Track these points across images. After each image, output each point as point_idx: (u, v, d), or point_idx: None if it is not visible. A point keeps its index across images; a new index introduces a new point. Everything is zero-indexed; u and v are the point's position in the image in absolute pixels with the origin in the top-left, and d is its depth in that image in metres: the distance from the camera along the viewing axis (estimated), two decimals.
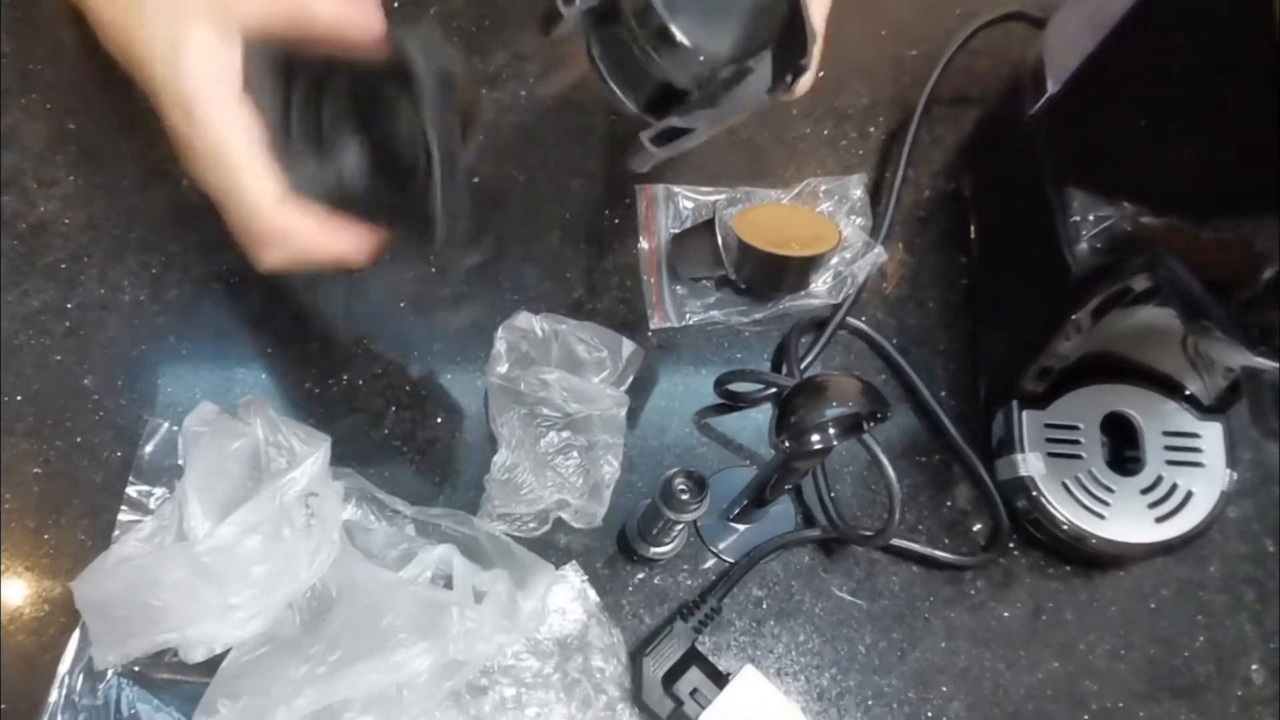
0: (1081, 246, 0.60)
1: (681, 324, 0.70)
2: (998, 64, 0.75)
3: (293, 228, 0.49)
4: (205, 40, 0.47)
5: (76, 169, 0.69)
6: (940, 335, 0.72)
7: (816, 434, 0.52)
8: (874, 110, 0.76)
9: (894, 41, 0.78)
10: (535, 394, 0.64)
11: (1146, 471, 0.65)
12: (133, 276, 0.67)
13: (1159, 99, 0.54)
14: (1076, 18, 0.61)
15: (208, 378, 0.65)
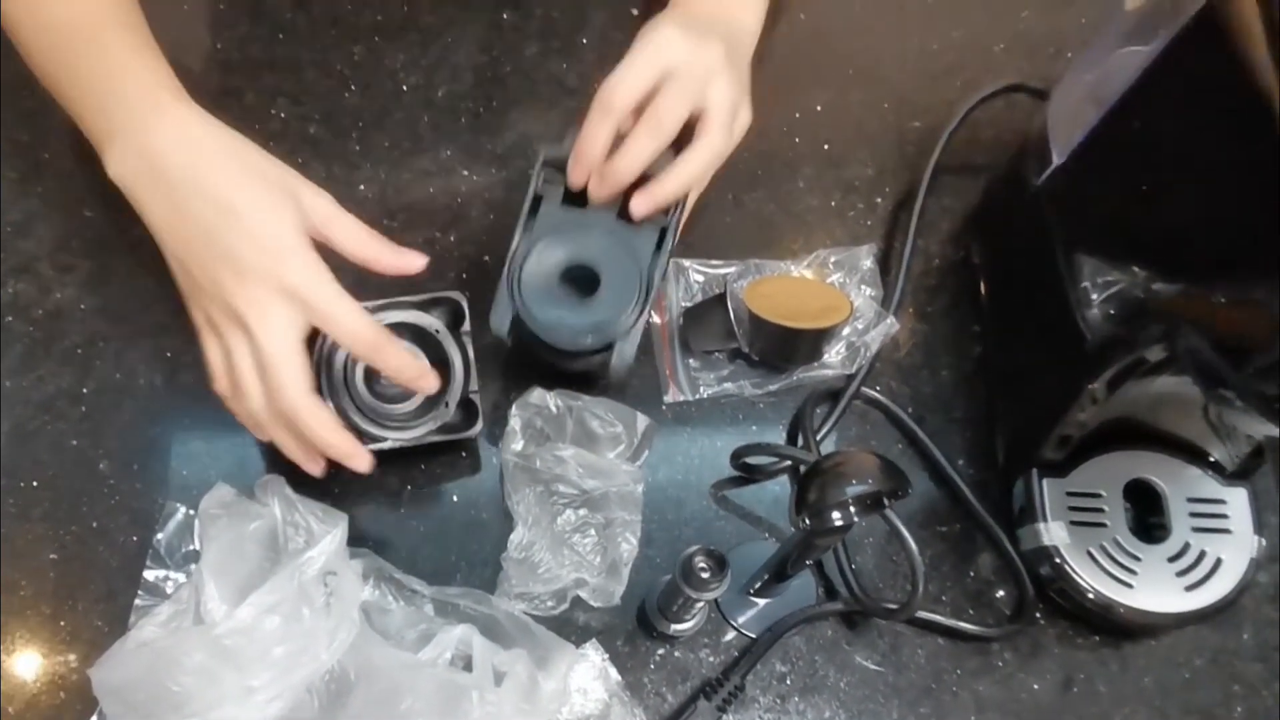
0: (1094, 313, 0.60)
1: (696, 397, 0.70)
2: (1001, 134, 0.76)
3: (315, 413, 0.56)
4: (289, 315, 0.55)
5: (92, 255, 0.70)
6: (956, 403, 0.72)
7: (837, 512, 0.51)
8: (880, 181, 0.77)
9: (897, 113, 0.79)
10: (551, 471, 0.63)
11: (1173, 539, 0.64)
12: (147, 360, 0.67)
13: (1165, 168, 0.55)
14: (1078, 90, 0.62)
15: (223, 460, 0.65)
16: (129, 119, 0.57)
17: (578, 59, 0.79)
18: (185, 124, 0.57)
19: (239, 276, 0.54)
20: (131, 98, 0.58)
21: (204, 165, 0.56)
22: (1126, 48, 0.55)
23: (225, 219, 0.55)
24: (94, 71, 0.59)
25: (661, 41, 0.59)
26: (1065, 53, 0.80)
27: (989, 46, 0.81)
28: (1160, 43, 0.51)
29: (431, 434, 0.62)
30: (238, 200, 0.55)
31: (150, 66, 0.60)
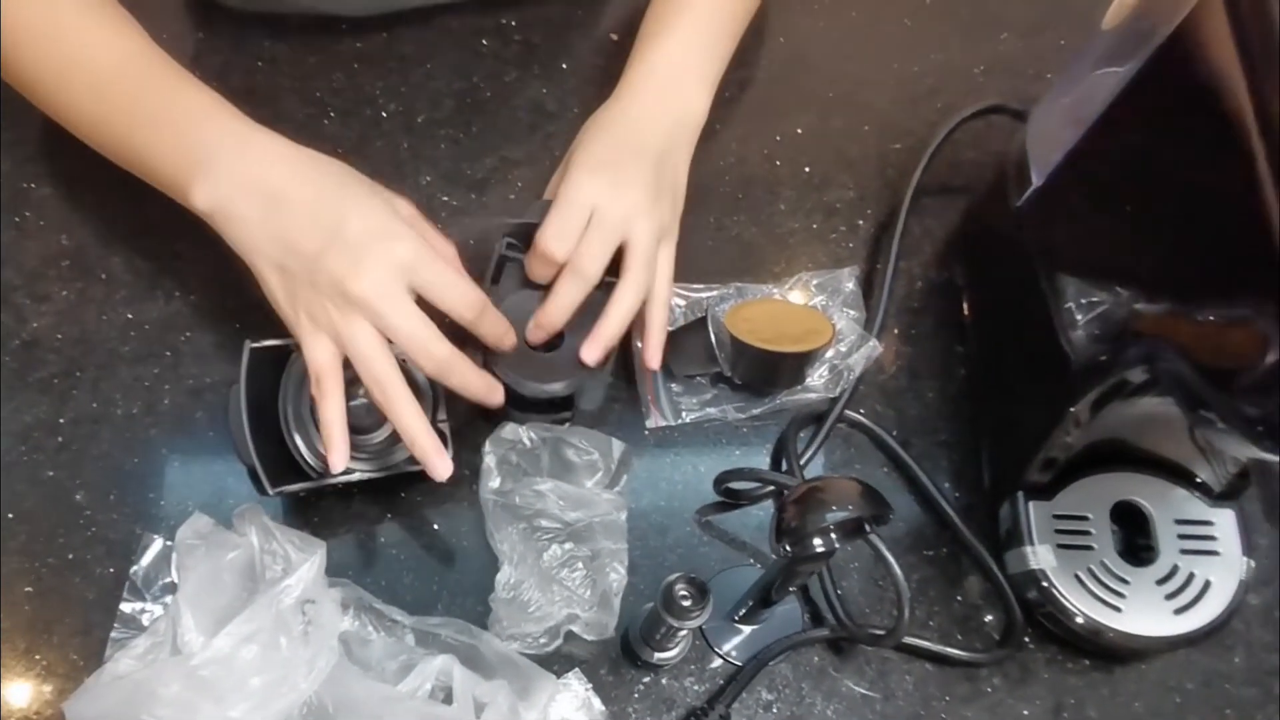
0: (1078, 334, 0.60)
1: (679, 422, 0.69)
2: (982, 155, 0.77)
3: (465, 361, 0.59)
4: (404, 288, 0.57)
5: (69, 284, 0.70)
6: (941, 426, 0.71)
7: (818, 538, 0.51)
8: (862, 204, 0.77)
9: (878, 136, 0.79)
10: (532, 506, 0.63)
11: (1161, 561, 0.64)
12: (125, 389, 0.67)
13: (1144, 187, 0.55)
14: (1056, 112, 0.62)
15: (201, 489, 0.64)
16: (218, 147, 0.58)
17: (557, 84, 0.79)
18: (275, 142, 0.59)
19: (354, 263, 0.55)
20: (213, 128, 0.59)
21: (304, 172, 0.58)
22: (1103, 69, 0.56)
23: (334, 211, 0.56)
24: (162, 111, 0.60)
25: (579, 193, 0.62)
26: (1044, 75, 0.81)
27: (968, 69, 0.82)
28: (1136, 63, 0.51)
29: (405, 462, 0.62)
30: (344, 194, 0.58)
31: (213, 97, 0.61)
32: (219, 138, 0.59)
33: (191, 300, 0.70)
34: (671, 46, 0.68)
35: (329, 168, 0.59)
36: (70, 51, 0.62)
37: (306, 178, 0.58)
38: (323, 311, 0.56)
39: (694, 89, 0.68)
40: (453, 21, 0.81)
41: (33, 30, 0.62)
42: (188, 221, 0.71)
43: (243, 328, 0.69)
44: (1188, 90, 0.49)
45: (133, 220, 0.72)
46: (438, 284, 0.57)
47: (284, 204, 0.57)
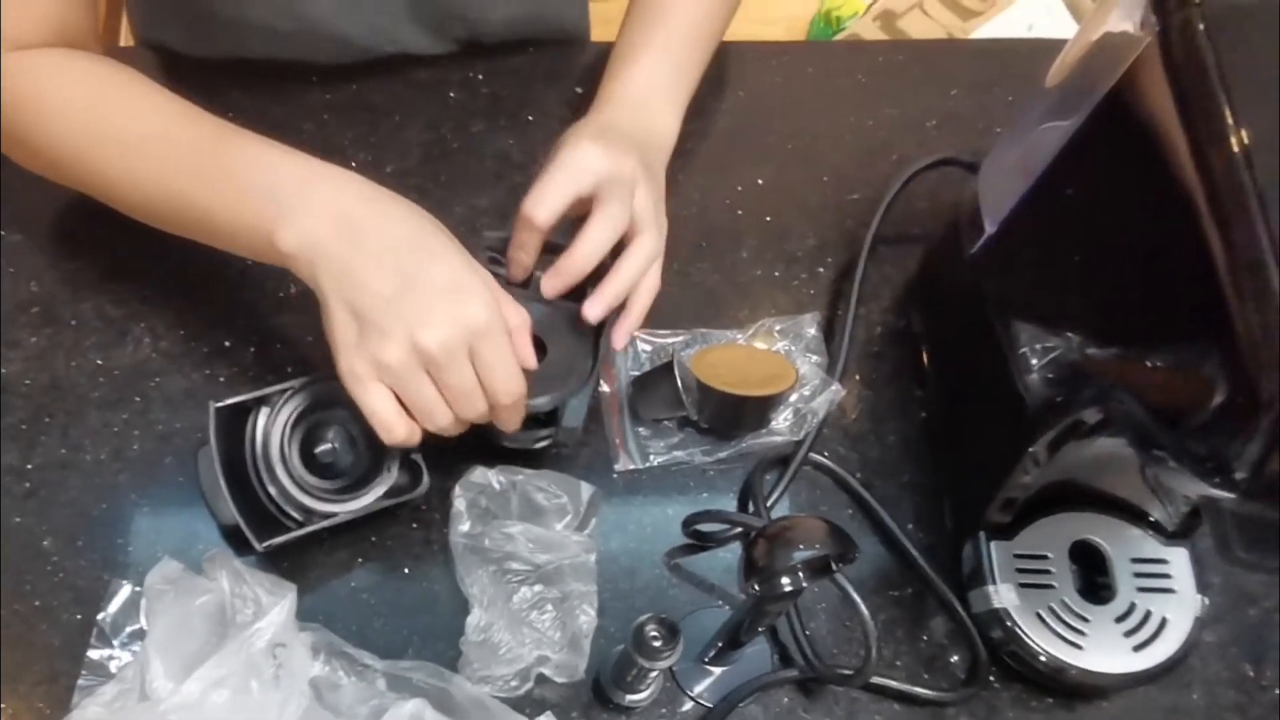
0: (1033, 377, 0.62)
1: (646, 465, 0.70)
2: (936, 205, 0.79)
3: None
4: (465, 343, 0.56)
5: (39, 330, 0.70)
6: (903, 468, 0.73)
7: (786, 577, 0.52)
8: (822, 252, 0.79)
9: (835, 187, 0.82)
10: (501, 549, 0.63)
11: (1119, 599, 0.65)
12: (94, 435, 0.67)
13: (1092, 236, 0.57)
14: (1005, 163, 0.65)
15: (171, 535, 0.64)
16: (298, 191, 0.57)
17: (523, 135, 0.81)
18: (350, 179, 0.58)
19: (427, 312, 0.54)
20: (285, 171, 0.59)
21: (385, 210, 0.58)
22: (1048, 123, 0.58)
23: (415, 258, 0.56)
24: (224, 166, 0.59)
25: (581, 160, 0.62)
26: (993, 129, 0.84)
27: (921, 123, 0.84)
28: (1079, 118, 0.54)
29: (380, 499, 0.62)
30: (426, 240, 0.57)
31: (270, 142, 0.61)
32: (293, 180, 0.58)
33: (161, 347, 0.70)
34: (641, 72, 0.70)
35: (408, 210, 0.58)
36: (109, 122, 0.62)
37: (388, 216, 0.57)
38: (386, 355, 0.55)
39: (664, 111, 0.71)
40: (421, 74, 0.83)
41: (63, 104, 0.62)
42: (157, 269, 0.72)
43: (212, 374, 0.70)
44: (1129, 143, 0.52)
45: (103, 267, 0.72)
46: (491, 362, 0.56)
47: (366, 243, 0.56)
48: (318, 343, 0.70)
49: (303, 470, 0.61)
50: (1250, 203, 0.41)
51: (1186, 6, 0.46)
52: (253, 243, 0.58)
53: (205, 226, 0.61)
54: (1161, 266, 0.51)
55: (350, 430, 0.63)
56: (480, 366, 0.56)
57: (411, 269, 0.55)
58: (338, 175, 0.58)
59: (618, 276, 0.62)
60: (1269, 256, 0.41)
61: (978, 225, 0.66)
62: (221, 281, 0.72)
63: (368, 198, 0.58)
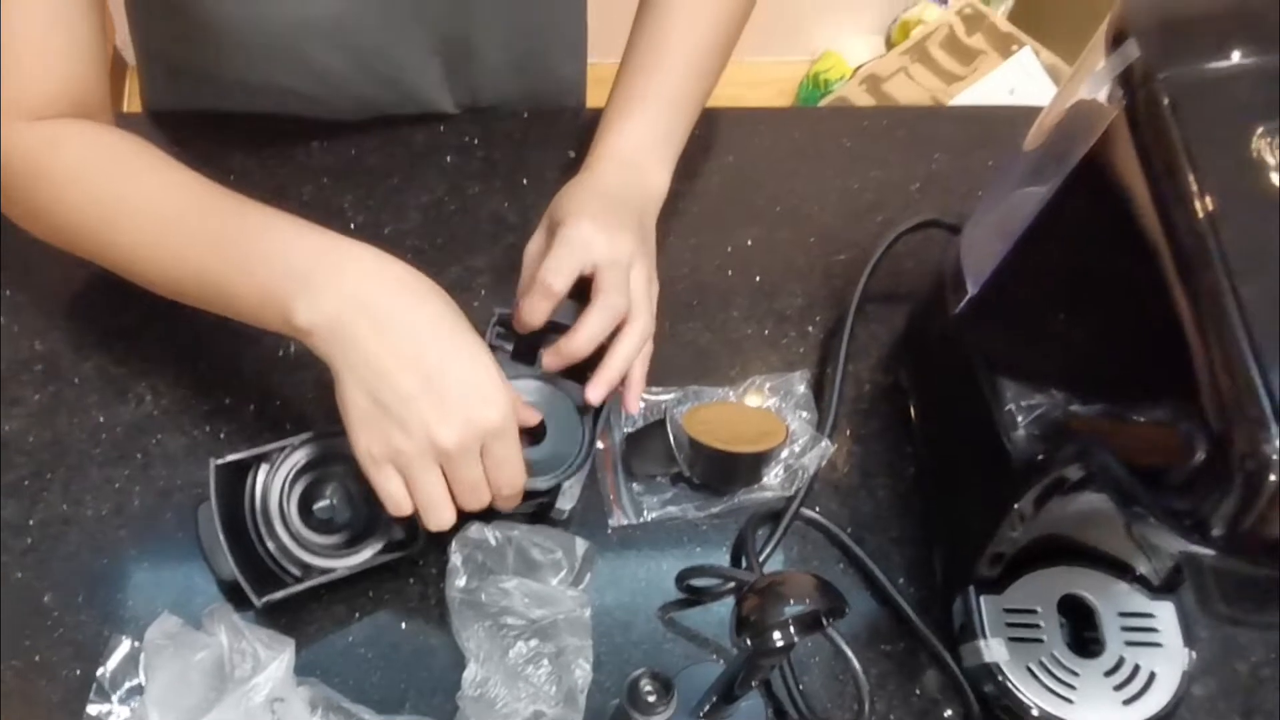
0: (1019, 433, 0.63)
1: (640, 520, 0.71)
2: (921, 265, 0.81)
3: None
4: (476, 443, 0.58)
5: (41, 388, 0.71)
6: (893, 523, 0.74)
7: (777, 632, 0.53)
8: (811, 311, 0.81)
9: (823, 247, 0.84)
10: (497, 604, 0.64)
11: (1108, 653, 0.65)
12: (95, 491, 0.68)
13: (1071, 297, 0.59)
14: (986, 225, 0.67)
15: (170, 590, 0.65)
16: (316, 266, 0.57)
17: (518, 198, 0.83)
18: (372, 256, 0.58)
19: (445, 414, 0.55)
20: (305, 246, 0.58)
21: (407, 296, 0.57)
22: (1026, 188, 0.60)
23: (438, 355, 0.56)
24: (242, 239, 0.59)
25: (584, 240, 0.65)
26: (975, 191, 0.86)
27: (905, 186, 0.87)
28: (1054, 184, 0.56)
29: (378, 555, 0.63)
30: (448, 334, 0.57)
31: (289, 217, 0.60)
32: (314, 255, 0.57)
33: (162, 404, 0.71)
34: (634, 130, 0.73)
35: (427, 293, 0.58)
36: (123, 197, 0.62)
37: (409, 302, 0.57)
38: (402, 445, 0.55)
39: (656, 169, 0.73)
40: (418, 138, 0.85)
41: (74, 177, 0.62)
42: (159, 327, 0.74)
43: (212, 430, 0.71)
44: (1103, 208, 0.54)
45: (105, 326, 0.74)
46: (500, 460, 0.58)
47: (387, 331, 0.55)
48: (317, 400, 0.72)
49: (301, 526, 0.62)
50: (1216, 268, 0.43)
51: (1150, 81, 0.48)
52: (271, 318, 0.58)
53: (223, 301, 0.60)
54: (1137, 327, 0.53)
55: (348, 486, 0.64)
56: (489, 463, 0.58)
57: (433, 365, 0.55)
58: (359, 253, 0.58)
59: (615, 359, 0.65)
60: (1235, 318, 0.42)
61: (961, 286, 0.67)
62: (222, 339, 0.74)
63: (389, 279, 0.57)
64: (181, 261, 0.61)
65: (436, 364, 0.55)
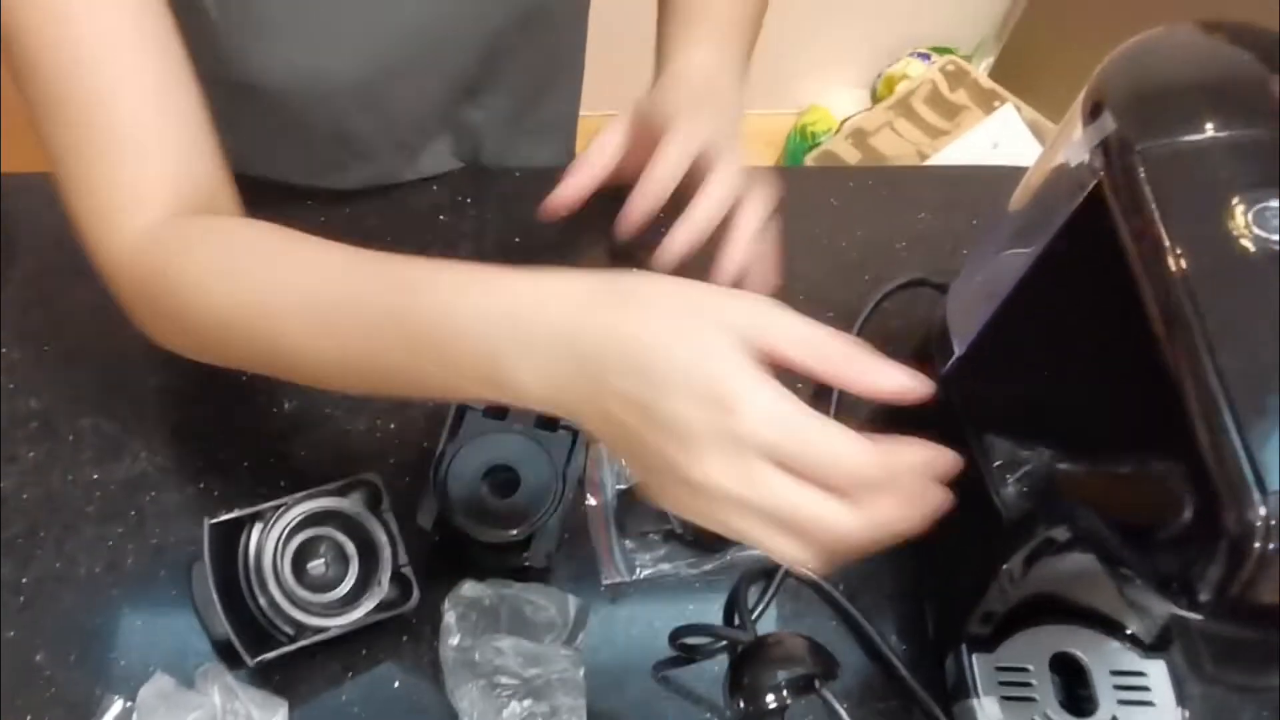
0: (1009, 492, 0.64)
1: (633, 578, 0.72)
2: (908, 323, 0.82)
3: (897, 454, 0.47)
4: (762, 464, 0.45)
5: (36, 445, 0.71)
6: (885, 580, 0.74)
7: (770, 694, 0.53)
8: None
9: (811, 304, 0.83)
10: (491, 663, 0.64)
11: (1100, 712, 0.65)
12: (89, 549, 0.68)
13: (1054, 359, 0.60)
14: (972, 287, 0.68)
15: (163, 649, 0.65)
16: (514, 333, 0.47)
17: (509, 257, 0.79)
18: (561, 297, 0.46)
19: (688, 450, 0.43)
20: (500, 313, 0.47)
21: (595, 331, 0.45)
22: (1011, 250, 0.62)
23: (647, 386, 0.44)
24: (432, 316, 0.49)
25: (691, 132, 0.65)
26: (959, 249, 0.88)
27: (891, 244, 0.88)
28: (1038, 248, 0.57)
29: (371, 613, 0.63)
30: (651, 356, 0.44)
31: (469, 273, 0.49)
32: (504, 321, 0.47)
33: (157, 461, 0.72)
34: (702, 58, 0.72)
35: (628, 309, 0.45)
36: (272, 288, 0.54)
37: (603, 335, 0.45)
38: (691, 503, 0.46)
39: (731, 88, 0.74)
40: (412, 198, 0.86)
41: (211, 275, 0.56)
42: (155, 385, 0.74)
43: (206, 488, 0.71)
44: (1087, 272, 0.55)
45: (101, 383, 0.74)
46: (797, 451, 0.45)
47: (605, 378, 0.45)
48: (311, 457, 0.72)
49: (295, 585, 0.62)
50: (1195, 336, 0.44)
51: (1127, 153, 0.49)
52: (477, 395, 0.50)
53: (414, 388, 0.53)
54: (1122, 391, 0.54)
55: (342, 544, 0.64)
56: (792, 460, 0.44)
57: (655, 402, 0.44)
58: (543, 297, 0.47)
59: (699, 206, 0.64)
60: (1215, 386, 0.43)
61: (948, 345, 0.69)
62: (217, 397, 0.74)
63: (585, 308, 0.46)
64: (357, 357, 0.52)
65: (657, 398, 0.44)
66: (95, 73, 0.55)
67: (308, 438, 0.73)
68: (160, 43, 0.57)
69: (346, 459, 0.72)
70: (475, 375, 0.48)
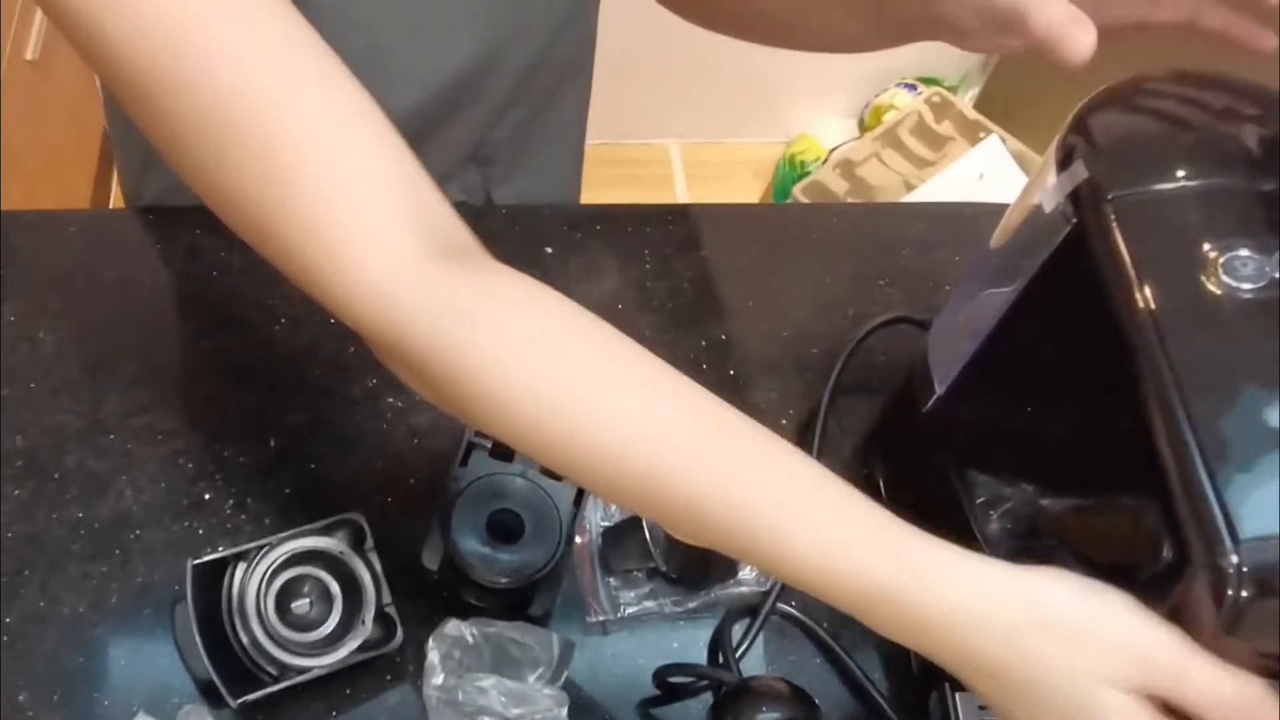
0: (991, 528, 0.64)
1: (618, 616, 0.72)
2: (891, 359, 0.83)
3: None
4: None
5: (21, 483, 0.71)
6: None
7: None
8: (785, 404, 0.82)
9: (796, 342, 0.86)
10: (474, 702, 0.64)
11: None
12: (73, 587, 0.68)
13: (1033, 397, 0.61)
14: (953, 324, 0.69)
15: (146, 688, 0.65)
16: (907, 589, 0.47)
17: None
18: (976, 602, 0.47)
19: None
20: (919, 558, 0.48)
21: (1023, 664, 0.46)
22: (990, 289, 0.62)
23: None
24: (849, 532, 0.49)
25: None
26: (941, 285, 0.89)
27: (874, 280, 0.89)
28: (1017, 286, 0.58)
29: (354, 653, 0.63)
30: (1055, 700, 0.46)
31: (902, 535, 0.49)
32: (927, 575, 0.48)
33: (142, 499, 0.72)
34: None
35: (1036, 638, 0.46)
36: (601, 407, 0.49)
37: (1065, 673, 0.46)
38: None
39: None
40: None
41: (530, 391, 0.48)
42: (141, 422, 0.75)
43: (191, 526, 0.71)
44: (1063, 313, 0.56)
45: (88, 421, 0.74)
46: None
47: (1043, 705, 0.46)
48: (295, 497, 0.72)
49: (278, 625, 0.62)
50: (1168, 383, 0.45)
51: (1099, 201, 0.50)
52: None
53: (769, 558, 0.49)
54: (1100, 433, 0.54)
55: (326, 584, 0.64)
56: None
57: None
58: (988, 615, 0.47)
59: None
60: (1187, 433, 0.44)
61: (929, 384, 0.69)
62: (203, 435, 0.75)
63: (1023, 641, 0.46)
64: (705, 532, 0.50)
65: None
66: (288, 113, 0.48)
67: (295, 475, 0.74)
68: (344, 73, 0.51)
69: (333, 497, 0.72)
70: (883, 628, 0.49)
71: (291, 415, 0.76)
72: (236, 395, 0.77)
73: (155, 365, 0.78)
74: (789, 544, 0.48)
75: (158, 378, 0.77)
